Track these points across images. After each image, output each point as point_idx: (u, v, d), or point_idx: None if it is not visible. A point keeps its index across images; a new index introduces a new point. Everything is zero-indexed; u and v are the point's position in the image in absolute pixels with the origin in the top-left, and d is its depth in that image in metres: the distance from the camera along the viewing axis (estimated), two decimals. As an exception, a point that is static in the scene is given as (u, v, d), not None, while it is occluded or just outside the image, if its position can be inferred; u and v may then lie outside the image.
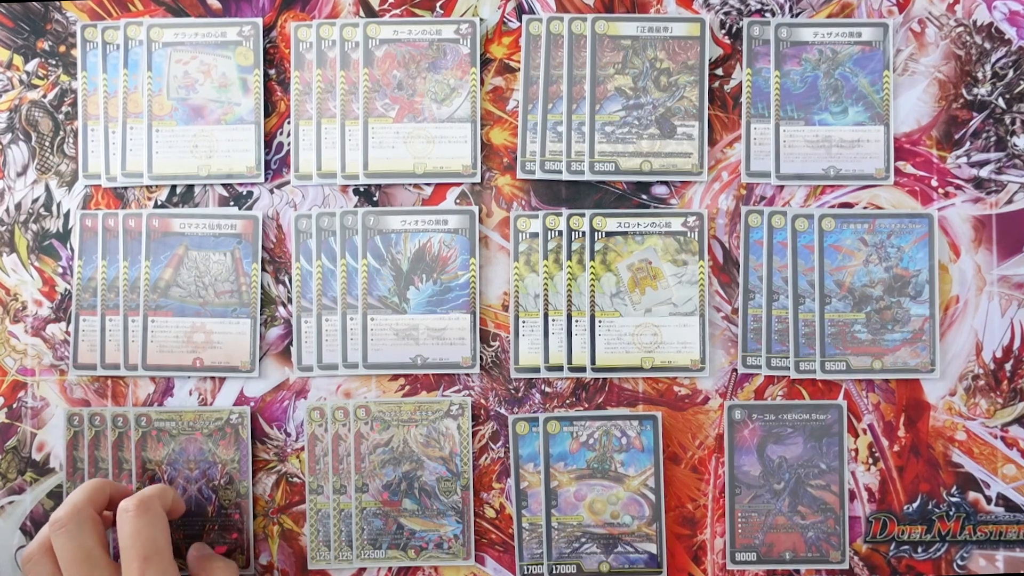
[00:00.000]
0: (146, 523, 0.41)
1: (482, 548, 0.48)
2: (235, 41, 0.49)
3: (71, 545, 0.40)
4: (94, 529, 0.41)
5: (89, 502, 0.42)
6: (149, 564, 0.40)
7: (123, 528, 0.41)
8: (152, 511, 0.41)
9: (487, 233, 0.49)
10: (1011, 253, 0.48)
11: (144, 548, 0.40)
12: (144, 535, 0.41)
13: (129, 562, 0.40)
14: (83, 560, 0.40)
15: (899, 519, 0.48)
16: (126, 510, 0.41)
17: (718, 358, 0.48)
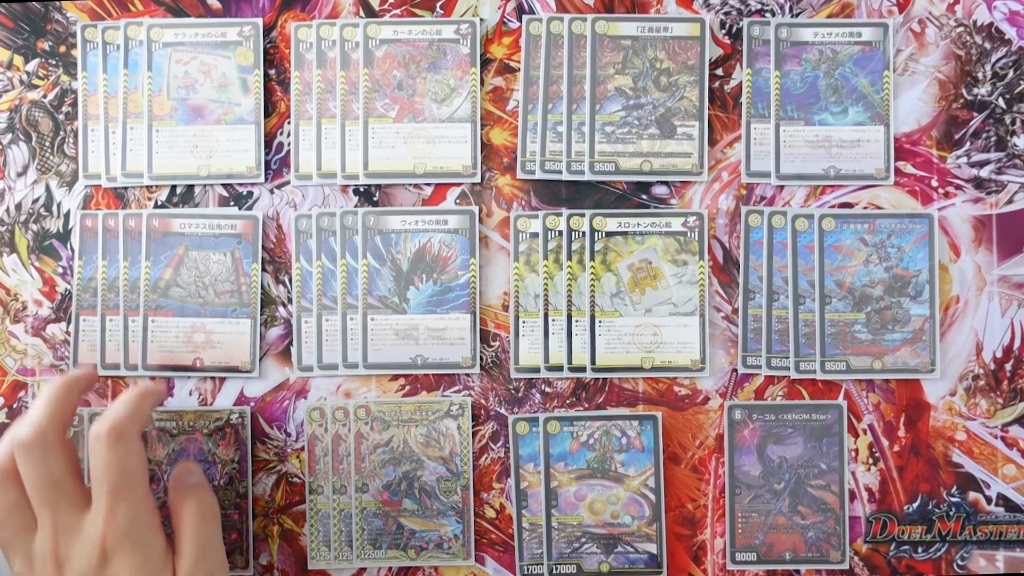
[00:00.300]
0: (117, 453, 0.38)
1: (482, 548, 0.48)
2: (235, 41, 0.49)
3: (37, 472, 0.38)
4: (62, 452, 0.38)
5: (55, 421, 0.39)
6: (119, 497, 0.38)
7: (94, 457, 0.38)
8: (125, 438, 0.38)
9: (487, 233, 0.49)
10: (1011, 253, 0.48)
11: (114, 479, 0.38)
12: (115, 466, 0.38)
13: (99, 494, 0.38)
14: (49, 487, 0.38)
15: (899, 519, 0.48)
16: (98, 438, 0.38)
17: (718, 358, 0.48)
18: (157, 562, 0.38)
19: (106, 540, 0.37)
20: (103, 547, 0.37)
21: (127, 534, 0.38)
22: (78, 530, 0.38)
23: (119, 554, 0.37)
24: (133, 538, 0.38)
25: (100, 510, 0.38)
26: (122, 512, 0.38)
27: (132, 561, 0.38)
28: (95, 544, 0.37)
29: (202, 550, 0.40)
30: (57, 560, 0.37)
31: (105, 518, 0.37)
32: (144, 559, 0.38)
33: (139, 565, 0.38)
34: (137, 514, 0.38)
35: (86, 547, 0.37)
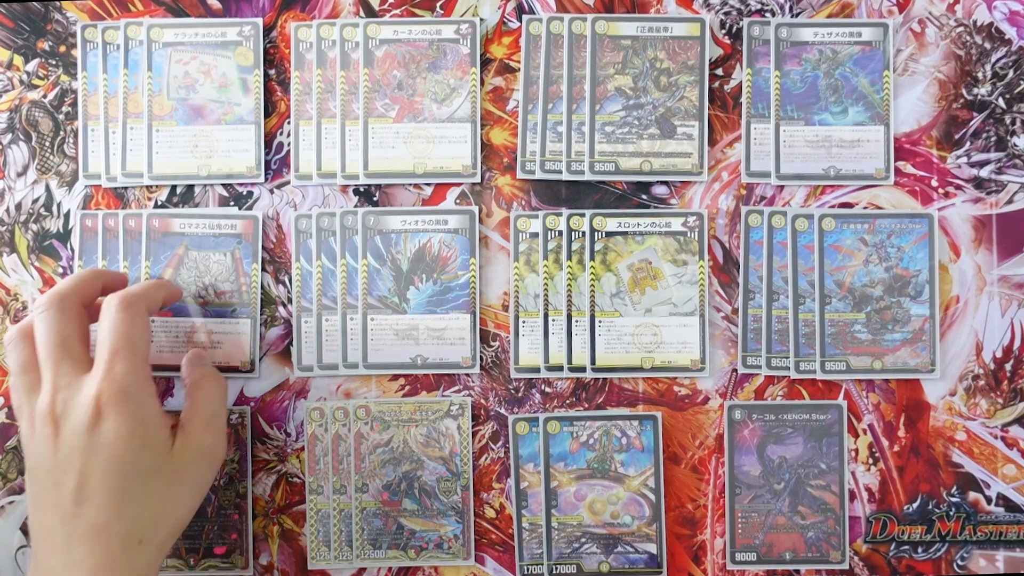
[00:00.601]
0: (123, 319, 0.40)
1: (482, 548, 0.48)
2: (235, 41, 0.49)
3: (49, 328, 0.39)
4: (76, 317, 0.40)
5: (76, 290, 0.41)
6: (118, 357, 0.39)
7: (102, 322, 0.40)
8: (133, 307, 0.40)
9: (487, 233, 0.49)
10: (1011, 253, 0.48)
11: (116, 341, 0.39)
12: (119, 329, 0.39)
13: (100, 355, 0.39)
14: (58, 344, 0.39)
15: (899, 519, 0.48)
16: (108, 305, 0.40)
17: (718, 358, 0.48)
18: (152, 426, 0.39)
19: (101, 396, 0.38)
20: (98, 403, 0.38)
21: (123, 392, 0.38)
22: (77, 387, 0.38)
23: (113, 411, 0.38)
24: (128, 397, 0.38)
25: (99, 368, 0.39)
26: (119, 370, 0.38)
27: (126, 420, 0.38)
28: (90, 400, 0.38)
29: (208, 419, 0.42)
30: (54, 416, 0.38)
31: (102, 376, 0.38)
32: (139, 421, 0.38)
33: (133, 426, 0.38)
34: (134, 376, 0.39)
35: (82, 403, 0.38)
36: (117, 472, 0.38)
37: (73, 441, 0.38)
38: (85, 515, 0.38)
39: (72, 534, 0.37)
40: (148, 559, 0.39)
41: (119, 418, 0.38)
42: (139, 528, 0.38)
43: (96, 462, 0.38)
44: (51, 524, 0.38)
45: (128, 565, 0.38)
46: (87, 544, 0.37)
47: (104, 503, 0.38)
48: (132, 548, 0.38)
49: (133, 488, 0.38)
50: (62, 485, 0.38)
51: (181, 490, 0.41)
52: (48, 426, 0.38)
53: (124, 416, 0.38)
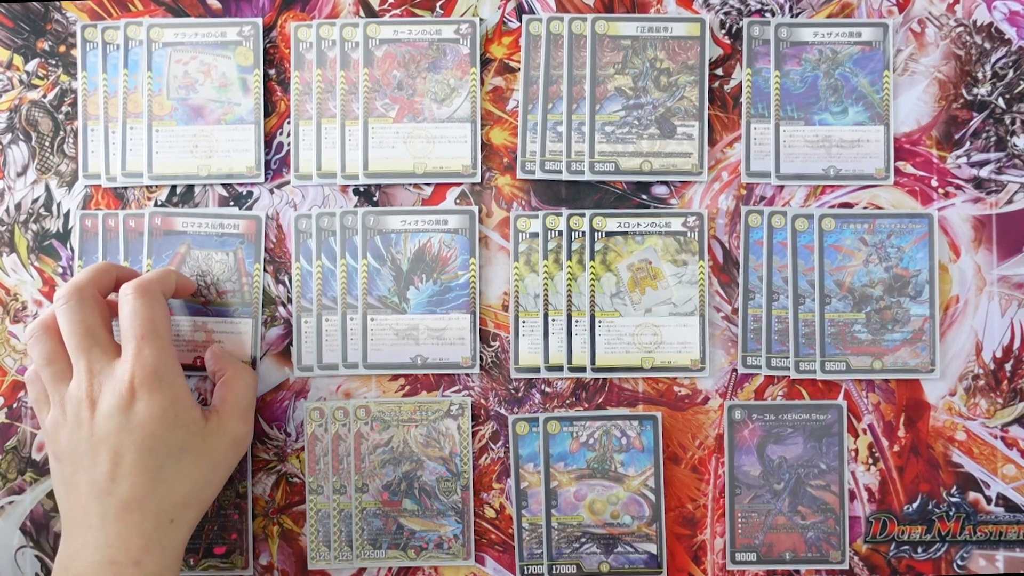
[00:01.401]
0: (143, 304, 0.41)
1: (482, 548, 0.48)
2: (235, 41, 0.49)
3: (73, 320, 0.41)
4: (96, 307, 0.42)
5: (92, 282, 0.42)
6: (146, 342, 0.40)
7: (122, 310, 0.41)
8: (150, 293, 0.42)
9: (487, 233, 0.49)
10: (1011, 253, 0.48)
11: (141, 327, 0.41)
12: (141, 315, 0.41)
13: (127, 340, 0.41)
14: (84, 335, 0.41)
15: (899, 519, 0.48)
16: (125, 293, 0.42)
17: (718, 358, 0.48)
18: (182, 405, 0.41)
19: (134, 378, 0.40)
20: (131, 384, 0.40)
21: (153, 373, 0.40)
22: (110, 372, 0.40)
23: (145, 391, 0.40)
24: (159, 377, 0.40)
25: (128, 353, 0.40)
26: (147, 353, 0.40)
27: (158, 400, 0.40)
28: (124, 382, 0.40)
29: (243, 409, 0.45)
30: (91, 399, 0.40)
31: (133, 359, 0.40)
32: (170, 401, 0.41)
33: (165, 405, 0.40)
34: (162, 357, 0.41)
35: (116, 386, 0.40)
36: (151, 450, 0.40)
37: (108, 422, 0.40)
38: (119, 492, 0.39)
39: (107, 512, 0.39)
40: (177, 537, 0.41)
41: (151, 398, 0.40)
42: (170, 506, 0.40)
43: (131, 441, 0.40)
44: (85, 503, 0.39)
45: (160, 543, 0.40)
46: (121, 521, 0.39)
47: (138, 480, 0.39)
48: (164, 526, 0.40)
49: (166, 466, 0.40)
50: (97, 464, 0.39)
51: (210, 471, 0.42)
52: (85, 409, 0.40)
53: (156, 396, 0.40)
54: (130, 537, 0.39)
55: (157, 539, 0.40)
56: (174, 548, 0.41)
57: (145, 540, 0.39)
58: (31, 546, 0.48)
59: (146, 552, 0.39)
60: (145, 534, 0.39)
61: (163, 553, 0.40)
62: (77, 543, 0.39)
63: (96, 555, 0.38)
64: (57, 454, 0.41)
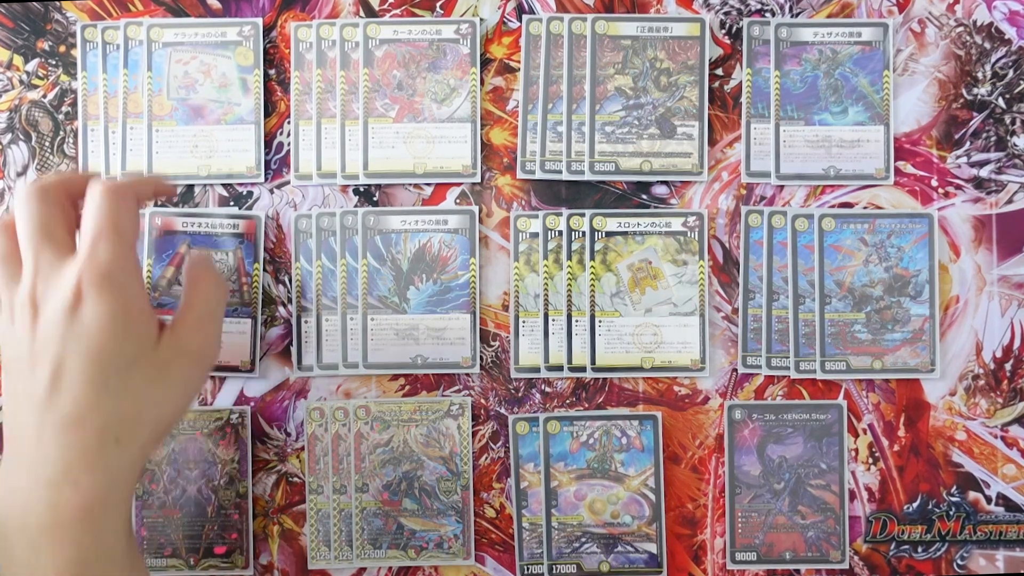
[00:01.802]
0: (109, 202, 0.36)
1: (482, 548, 0.48)
2: (235, 41, 0.49)
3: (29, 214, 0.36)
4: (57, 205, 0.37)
5: (60, 183, 0.38)
6: (102, 240, 0.36)
7: (86, 208, 0.37)
8: (120, 194, 0.37)
9: (487, 233, 0.49)
10: (1011, 253, 0.48)
11: (100, 224, 0.36)
12: (104, 212, 0.36)
13: (83, 239, 0.36)
14: (38, 230, 0.36)
15: (899, 519, 0.48)
16: (92, 192, 0.37)
17: (718, 358, 0.48)
18: (135, 313, 0.36)
19: (82, 279, 0.35)
20: (78, 286, 0.35)
21: (105, 276, 0.35)
22: (58, 272, 0.36)
23: (93, 295, 0.35)
24: (111, 281, 0.35)
25: (81, 252, 0.36)
26: (102, 252, 0.36)
27: (107, 305, 0.35)
28: (71, 283, 0.35)
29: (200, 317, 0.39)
30: (34, 302, 0.36)
31: (85, 258, 0.35)
32: (121, 307, 0.36)
33: (115, 312, 0.35)
34: (119, 262, 0.36)
35: (62, 287, 0.35)
36: (95, 361, 0.35)
37: (51, 327, 0.35)
38: (59, 405, 0.35)
39: (44, 425, 0.35)
40: (125, 460, 0.36)
41: (100, 303, 0.35)
42: (116, 424, 0.36)
43: (74, 348, 0.35)
44: (24, 416, 0.35)
45: (103, 463, 0.35)
46: (61, 437, 0.35)
47: (80, 393, 0.35)
48: (109, 445, 0.35)
49: (112, 379, 0.35)
50: (37, 372, 0.35)
51: (165, 389, 0.37)
52: (27, 312, 0.36)
53: (106, 301, 0.35)
54: (70, 456, 0.34)
55: (101, 459, 0.35)
56: (121, 471, 0.36)
57: (87, 459, 0.35)
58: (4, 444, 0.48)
59: (86, 472, 0.35)
60: (87, 452, 0.35)
61: (107, 474, 0.35)
62: (14, 461, 0.35)
63: (32, 474, 0.35)
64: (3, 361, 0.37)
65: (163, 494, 0.48)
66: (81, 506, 0.34)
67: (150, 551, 0.48)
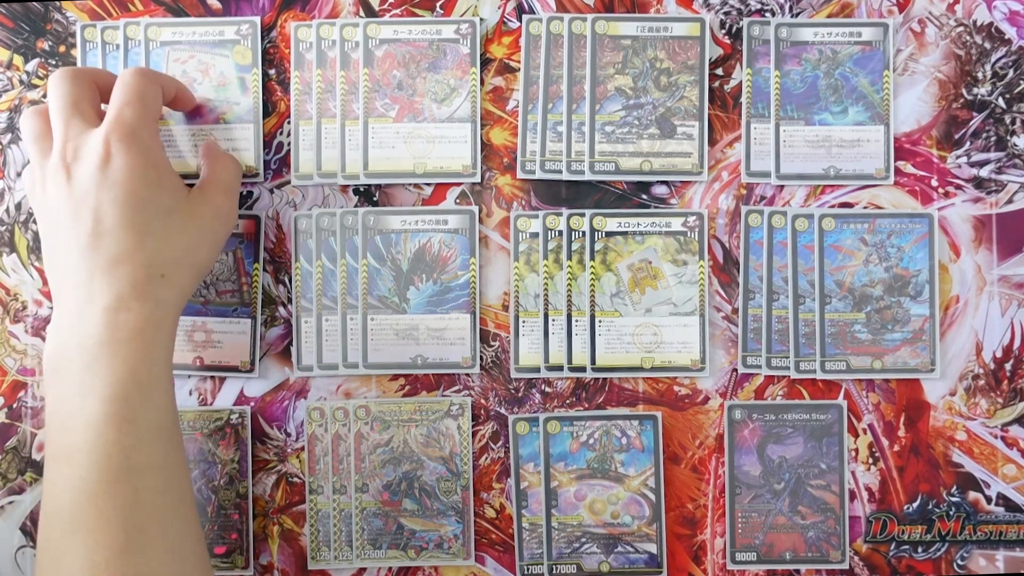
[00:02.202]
0: (136, 78, 0.41)
1: (482, 548, 0.48)
2: (232, 40, 0.49)
3: (60, 92, 0.40)
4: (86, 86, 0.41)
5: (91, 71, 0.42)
6: (128, 106, 0.40)
7: (116, 84, 0.41)
8: (148, 75, 0.41)
9: (487, 233, 0.49)
10: (1011, 253, 0.48)
11: (127, 94, 0.40)
12: (131, 85, 0.40)
13: (110, 108, 0.40)
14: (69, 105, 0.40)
15: (899, 519, 0.48)
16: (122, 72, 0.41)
17: (718, 358, 0.48)
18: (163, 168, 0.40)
19: (110, 136, 0.39)
20: (107, 142, 0.39)
21: (131, 133, 0.39)
22: (87, 135, 0.39)
23: (123, 148, 0.39)
24: (137, 138, 0.39)
25: (109, 118, 0.39)
26: (127, 114, 0.39)
27: (137, 157, 0.39)
28: (100, 141, 0.39)
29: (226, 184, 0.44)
30: (65, 163, 0.39)
31: (111, 120, 0.39)
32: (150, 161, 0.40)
33: (145, 163, 0.39)
34: (143, 121, 0.40)
35: (92, 144, 0.39)
36: (133, 206, 0.39)
37: (85, 181, 0.39)
38: (105, 247, 0.38)
39: (93, 267, 0.38)
40: (171, 294, 0.40)
41: (129, 154, 0.39)
42: (160, 263, 0.39)
43: (110, 197, 0.38)
44: (72, 262, 0.39)
45: (152, 294, 0.39)
46: (110, 274, 0.38)
47: (123, 235, 0.38)
48: (155, 279, 0.39)
49: (152, 223, 0.39)
50: (79, 223, 0.38)
51: (200, 236, 0.42)
52: (60, 172, 0.39)
53: (134, 153, 0.39)
54: (121, 287, 0.38)
55: (149, 290, 0.39)
56: (167, 302, 0.39)
57: (136, 290, 0.38)
58: (31, 546, 0.48)
59: (137, 300, 0.38)
60: (136, 285, 0.38)
61: (156, 303, 0.39)
62: (66, 306, 0.39)
63: (89, 305, 0.38)
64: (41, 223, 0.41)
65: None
66: (135, 327, 0.38)
67: (150, 551, 0.48)
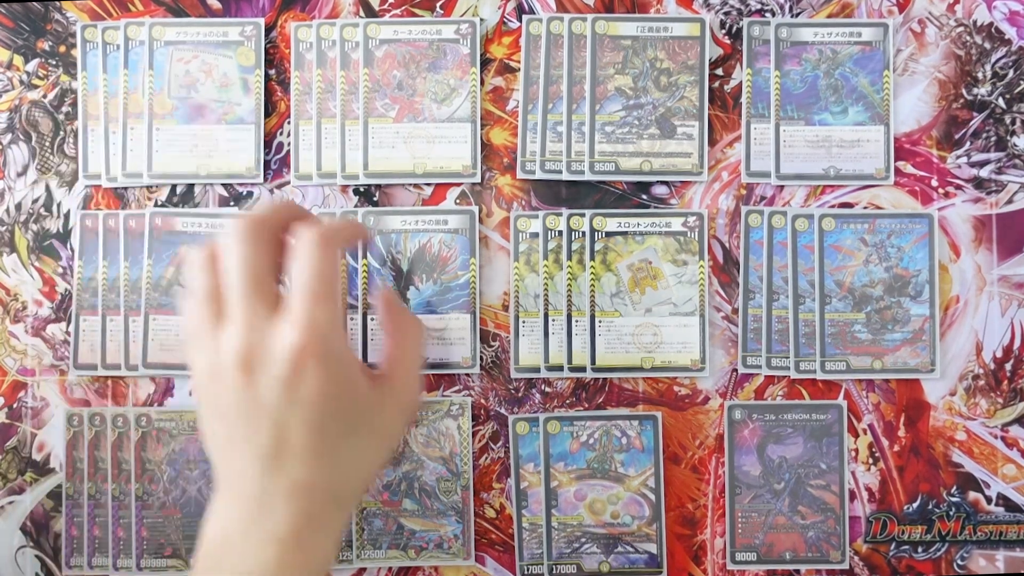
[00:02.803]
0: (324, 259, 0.35)
1: (482, 548, 0.48)
2: (237, 41, 0.49)
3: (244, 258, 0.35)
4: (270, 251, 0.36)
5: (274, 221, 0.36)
6: (319, 303, 0.34)
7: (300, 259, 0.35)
8: (333, 248, 0.36)
9: (487, 233, 0.49)
10: (1011, 253, 0.48)
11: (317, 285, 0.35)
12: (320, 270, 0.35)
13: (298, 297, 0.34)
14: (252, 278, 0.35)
15: (899, 519, 0.48)
16: (308, 239, 0.35)
17: (718, 358, 0.48)
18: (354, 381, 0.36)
19: (304, 348, 0.34)
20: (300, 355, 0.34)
21: (326, 346, 0.34)
22: (272, 332, 0.34)
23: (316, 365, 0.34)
24: (331, 350, 0.35)
25: (298, 314, 0.34)
26: (321, 318, 0.34)
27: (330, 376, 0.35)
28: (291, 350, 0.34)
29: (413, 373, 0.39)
30: (247, 360, 0.34)
31: (304, 323, 0.34)
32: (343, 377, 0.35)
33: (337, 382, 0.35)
34: (335, 325, 0.35)
35: (280, 351, 0.34)
36: (321, 430, 0.35)
37: (270, 393, 0.34)
38: (286, 471, 0.35)
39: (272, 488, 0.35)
40: (343, 520, 0.37)
41: (323, 373, 0.34)
42: (339, 489, 0.36)
43: (298, 418, 0.34)
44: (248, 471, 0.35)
45: (327, 527, 0.36)
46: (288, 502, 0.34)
47: (307, 461, 0.35)
48: (331, 510, 0.36)
49: (338, 447, 0.36)
50: (258, 435, 0.35)
51: (381, 447, 0.38)
52: (239, 371, 0.34)
53: (328, 371, 0.34)
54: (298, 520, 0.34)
55: (325, 523, 0.35)
56: (336, 531, 0.37)
57: (312, 524, 0.35)
58: (31, 546, 0.48)
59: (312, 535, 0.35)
60: (313, 518, 0.35)
61: (328, 536, 0.36)
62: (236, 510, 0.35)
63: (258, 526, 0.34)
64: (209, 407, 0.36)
65: (163, 494, 0.48)
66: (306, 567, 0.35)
67: (150, 551, 0.48)
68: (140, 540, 0.48)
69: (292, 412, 0.34)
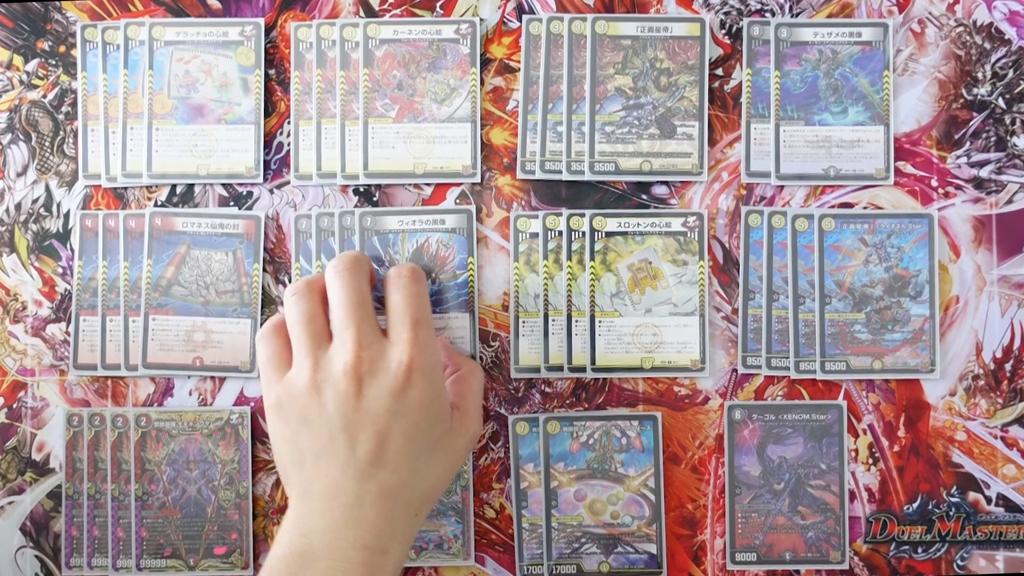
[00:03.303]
0: (418, 291, 0.41)
1: (482, 548, 0.48)
2: (237, 41, 0.49)
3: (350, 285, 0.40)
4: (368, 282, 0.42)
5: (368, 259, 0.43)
6: (421, 327, 0.40)
7: (394, 292, 0.41)
8: (422, 281, 0.42)
9: (487, 233, 0.49)
10: (1011, 253, 0.48)
11: (416, 312, 0.40)
12: (416, 300, 0.41)
13: (400, 323, 0.40)
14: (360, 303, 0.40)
15: (899, 519, 0.48)
16: (400, 275, 0.42)
17: (718, 358, 0.48)
18: (444, 400, 0.41)
19: (413, 363, 0.39)
20: (409, 368, 0.39)
21: (429, 362, 0.40)
22: (382, 350, 0.39)
23: (420, 379, 0.39)
24: (433, 368, 0.40)
25: (404, 336, 0.40)
26: (424, 340, 0.40)
27: (429, 390, 0.39)
28: (403, 364, 0.39)
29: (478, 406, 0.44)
30: (358, 373, 0.39)
31: (411, 343, 0.39)
32: (437, 393, 0.40)
33: (433, 397, 0.40)
34: (433, 346, 0.41)
35: (391, 366, 0.39)
36: (415, 440, 0.39)
37: (378, 403, 0.38)
38: (381, 477, 0.38)
39: (365, 493, 0.38)
40: (415, 530, 0.40)
41: (425, 387, 0.39)
42: (419, 500, 0.40)
43: (399, 427, 0.39)
44: (338, 480, 0.38)
45: (404, 534, 0.39)
46: (378, 506, 0.38)
47: (400, 469, 0.39)
48: (410, 518, 0.39)
49: (424, 458, 0.40)
50: (359, 443, 0.38)
51: (451, 467, 0.42)
52: (350, 382, 0.38)
53: (429, 386, 0.39)
54: (383, 525, 0.38)
55: (404, 530, 0.39)
56: (409, 540, 0.40)
57: (394, 530, 0.38)
58: (31, 546, 0.48)
59: (393, 541, 0.38)
60: (394, 523, 0.38)
61: (405, 544, 0.39)
62: (324, 517, 0.38)
63: (347, 534, 0.37)
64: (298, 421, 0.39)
65: (163, 494, 0.48)
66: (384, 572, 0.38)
67: (150, 551, 0.48)
68: (140, 540, 0.48)
69: (396, 421, 0.38)
